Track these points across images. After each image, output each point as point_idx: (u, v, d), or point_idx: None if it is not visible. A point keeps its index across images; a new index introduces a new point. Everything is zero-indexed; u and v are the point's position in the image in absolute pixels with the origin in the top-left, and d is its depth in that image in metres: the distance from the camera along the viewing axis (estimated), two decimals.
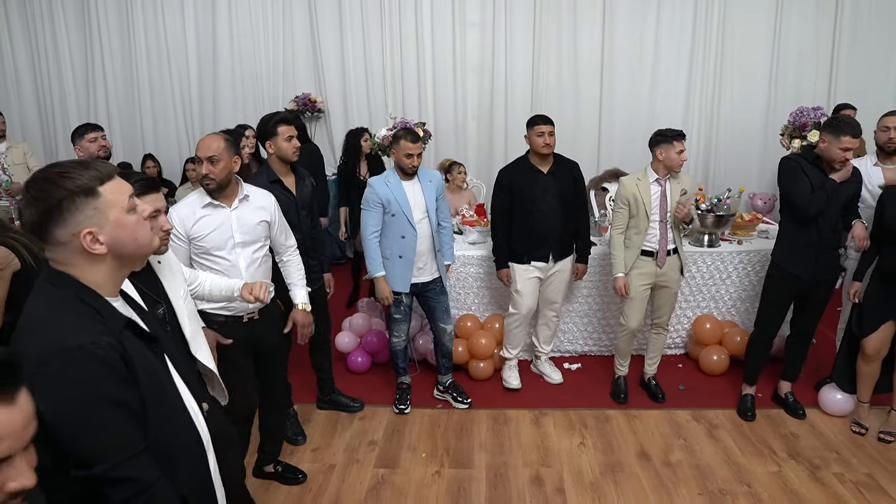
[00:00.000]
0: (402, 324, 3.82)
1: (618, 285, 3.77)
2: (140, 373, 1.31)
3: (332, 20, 6.67)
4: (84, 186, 1.28)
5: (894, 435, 3.53)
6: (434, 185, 3.67)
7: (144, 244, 1.39)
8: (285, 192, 3.25)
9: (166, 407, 1.40)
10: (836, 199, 3.39)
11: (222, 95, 6.91)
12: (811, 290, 3.57)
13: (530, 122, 3.79)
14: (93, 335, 1.24)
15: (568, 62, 6.61)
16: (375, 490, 3.18)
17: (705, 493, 3.13)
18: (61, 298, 1.29)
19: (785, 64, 6.52)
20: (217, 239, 2.71)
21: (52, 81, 7.01)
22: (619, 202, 3.75)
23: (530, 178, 3.78)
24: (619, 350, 4.00)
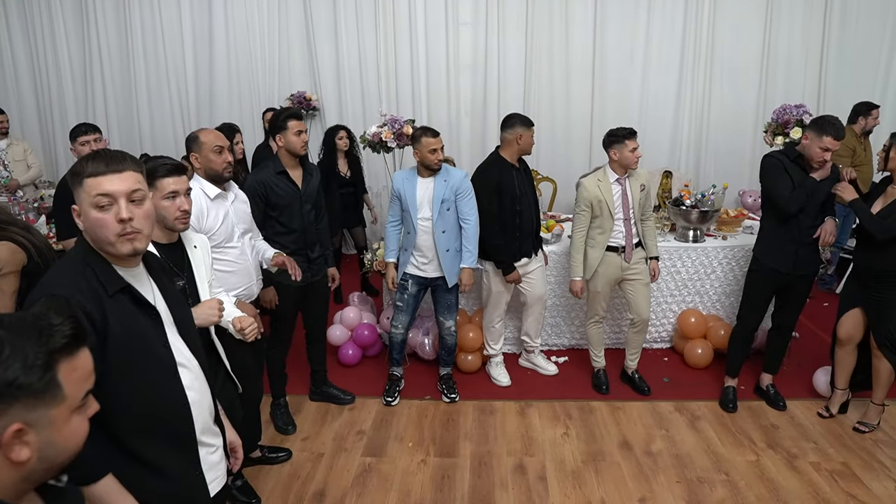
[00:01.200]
0: (403, 314, 3.90)
1: (574, 289, 3.88)
2: (114, 334, 1.47)
3: (326, 18, 6.73)
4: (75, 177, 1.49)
5: (869, 426, 3.61)
6: (449, 183, 3.63)
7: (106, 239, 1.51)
8: (290, 184, 3.35)
9: (151, 369, 1.55)
10: (816, 196, 3.47)
11: (218, 94, 6.98)
12: (791, 285, 3.64)
13: (518, 122, 3.78)
14: (70, 290, 1.44)
15: (560, 60, 6.68)
16: (362, 477, 3.26)
17: (684, 480, 3.21)
18: (72, 259, 1.54)
19: (775, 61, 6.57)
20: (226, 230, 2.82)
21: (51, 79, 7.08)
22: (582, 205, 3.79)
23: (513, 175, 3.83)
24: (591, 340, 4.09)
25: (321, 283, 3.61)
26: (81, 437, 1.05)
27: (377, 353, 4.56)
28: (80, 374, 1.02)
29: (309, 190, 3.44)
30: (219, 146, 2.79)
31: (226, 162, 2.80)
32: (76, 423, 1.03)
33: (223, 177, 2.81)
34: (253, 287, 2.98)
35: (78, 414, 1.04)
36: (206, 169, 2.80)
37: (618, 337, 4.55)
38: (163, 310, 1.64)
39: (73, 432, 1.03)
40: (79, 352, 1.02)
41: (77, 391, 1.02)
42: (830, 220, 3.53)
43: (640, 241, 3.87)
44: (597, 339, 4.06)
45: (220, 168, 2.79)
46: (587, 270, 3.87)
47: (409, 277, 3.82)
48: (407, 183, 3.70)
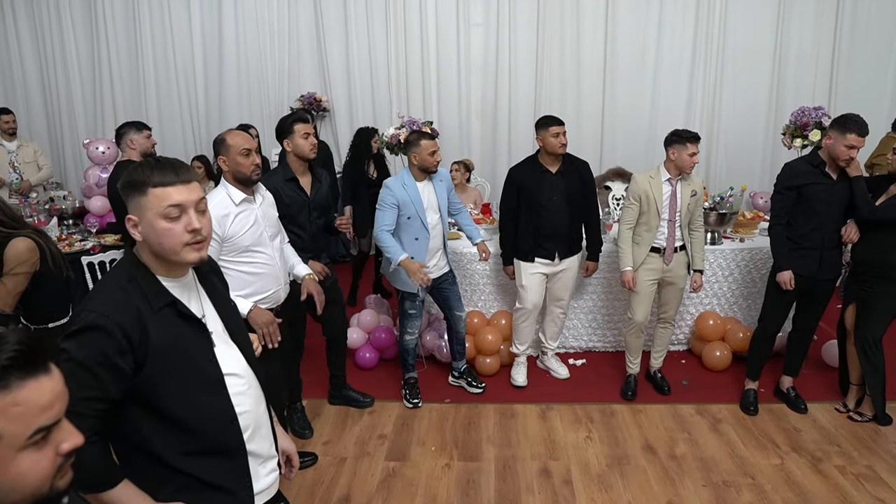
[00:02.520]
0: (416, 319, 3.92)
1: (626, 278, 3.84)
2: (157, 350, 1.45)
3: (337, 20, 6.73)
4: (138, 184, 1.47)
5: (865, 416, 3.72)
6: (445, 183, 3.78)
7: (172, 250, 1.50)
8: (299, 191, 3.32)
9: (196, 384, 1.52)
10: (838, 199, 3.48)
11: (228, 95, 6.97)
12: (814, 289, 3.65)
13: (543, 123, 3.81)
14: (108, 308, 1.42)
15: (571, 61, 6.68)
16: (386, 482, 3.25)
17: (710, 485, 3.20)
18: (116, 273, 1.53)
19: (786, 62, 6.57)
20: (254, 235, 2.79)
21: (59, 81, 7.07)
22: (631, 197, 3.80)
23: (539, 177, 3.84)
24: (629, 346, 4.06)
25: (332, 289, 3.55)
26: (38, 477, 0.92)
27: (394, 355, 4.53)
28: (22, 410, 0.89)
29: (317, 197, 3.41)
30: (246, 149, 2.75)
31: (253, 164, 2.77)
32: (27, 462, 0.91)
33: (251, 179, 2.78)
34: (280, 292, 2.96)
35: (31, 451, 0.91)
36: (234, 172, 2.77)
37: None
38: (212, 316, 1.62)
39: (25, 472, 0.90)
40: (19, 384, 0.89)
41: (19, 428, 0.89)
42: (853, 222, 3.56)
43: (684, 246, 3.83)
44: (635, 346, 4.02)
45: (249, 171, 2.76)
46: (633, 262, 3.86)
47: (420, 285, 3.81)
48: (410, 190, 3.67)
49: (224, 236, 2.70)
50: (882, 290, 3.50)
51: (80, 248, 4.54)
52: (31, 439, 0.90)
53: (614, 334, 4.55)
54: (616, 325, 4.52)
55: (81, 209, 5.53)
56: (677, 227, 3.77)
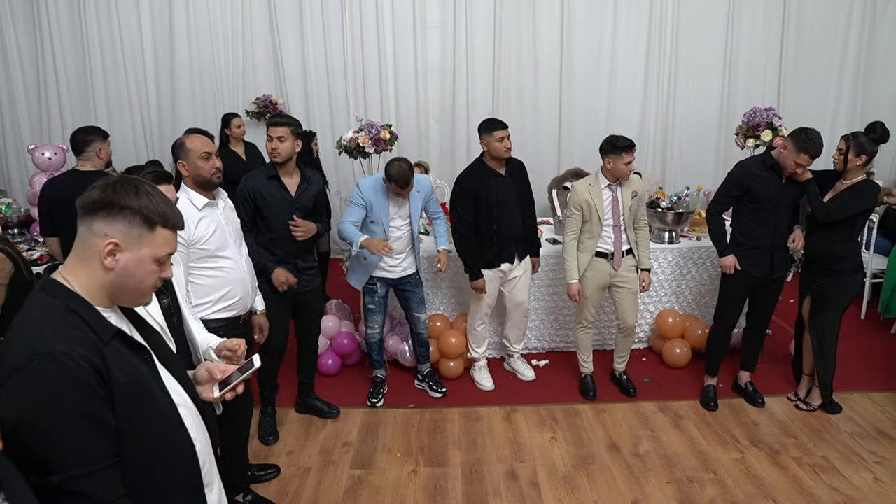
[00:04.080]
0: (377, 314, 3.92)
1: (571, 292, 3.86)
2: (119, 385, 1.30)
3: (292, 21, 6.60)
4: (153, 217, 1.35)
5: (811, 406, 3.86)
6: (422, 193, 3.78)
7: (141, 292, 1.41)
8: (281, 190, 3.30)
9: (157, 417, 1.39)
10: (787, 199, 3.58)
11: (181, 99, 6.76)
12: (765, 286, 3.75)
13: (487, 127, 3.78)
14: (67, 344, 1.24)
15: (528, 63, 6.71)
16: (353, 490, 3.20)
17: (674, 481, 3.25)
18: (49, 306, 1.30)
19: (736, 64, 6.72)
20: (219, 239, 2.75)
21: (0, 87, 6.76)
22: (573, 207, 3.81)
23: (493, 182, 3.83)
24: (580, 345, 4.10)
25: (312, 293, 3.54)
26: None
27: (357, 361, 4.49)
28: None
29: (303, 198, 3.37)
30: (207, 152, 2.70)
31: (214, 167, 2.71)
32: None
33: (212, 183, 2.73)
34: (247, 299, 2.90)
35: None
36: (194, 176, 2.71)
37: (603, 339, 4.58)
38: None
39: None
40: None
41: None
42: (799, 230, 3.71)
43: (631, 249, 3.88)
44: (585, 344, 4.07)
45: (209, 174, 2.71)
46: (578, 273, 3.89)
47: (377, 280, 3.85)
48: (379, 195, 3.69)
49: (189, 241, 2.64)
50: (831, 282, 3.63)
51: (28, 258, 4.35)
52: None
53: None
54: None
55: (27, 217, 5.31)
56: (623, 230, 3.80)
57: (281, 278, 3.28)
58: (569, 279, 3.86)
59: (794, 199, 3.62)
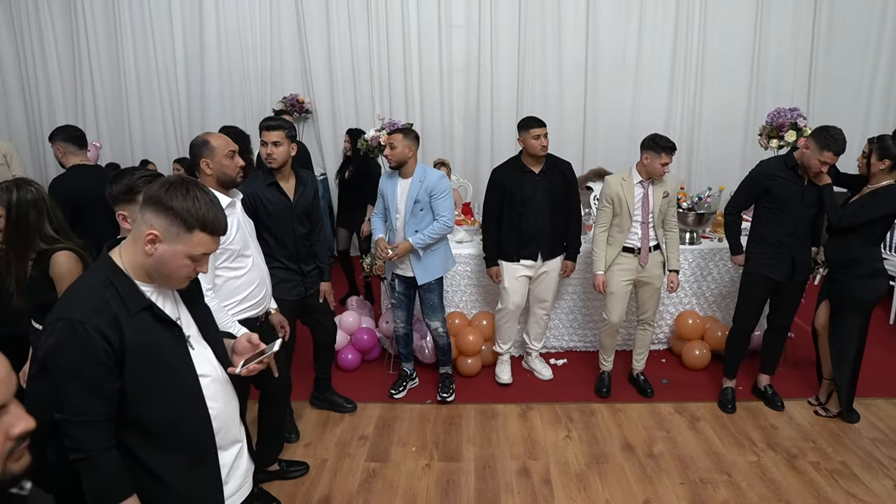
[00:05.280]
0: (398, 310, 4.00)
1: (597, 282, 3.89)
2: (134, 353, 1.48)
3: (319, 21, 6.72)
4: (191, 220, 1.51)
5: (830, 412, 3.81)
6: (424, 184, 3.71)
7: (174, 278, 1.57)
8: (281, 195, 3.23)
9: (171, 384, 1.55)
10: (808, 201, 3.54)
11: (210, 97, 6.94)
12: (786, 287, 3.70)
13: (525, 124, 3.84)
14: (86, 314, 1.44)
15: (552, 62, 6.71)
16: (367, 483, 3.26)
17: (687, 482, 3.24)
18: (92, 278, 1.53)
19: (765, 63, 6.65)
20: (242, 238, 2.77)
21: (39, 83, 6.99)
22: (604, 200, 3.84)
23: (522, 178, 3.87)
24: (603, 345, 4.10)
25: (318, 294, 3.54)
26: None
27: (376, 357, 4.56)
28: None
29: (301, 201, 3.31)
30: (231, 150, 2.71)
31: (237, 166, 2.73)
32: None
33: (236, 182, 2.76)
34: (266, 299, 2.96)
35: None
36: (218, 175, 2.70)
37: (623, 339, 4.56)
38: (186, 318, 1.64)
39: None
40: None
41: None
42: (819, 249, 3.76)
43: (659, 246, 3.87)
44: (608, 345, 4.07)
45: (234, 173, 2.72)
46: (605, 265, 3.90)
47: (395, 277, 3.93)
48: (388, 182, 3.83)
49: None
50: (846, 287, 3.57)
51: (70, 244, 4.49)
52: None
53: (595, 334, 4.58)
54: (597, 326, 4.54)
55: None
56: (651, 227, 3.81)
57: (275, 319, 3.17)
58: (596, 269, 3.89)
59: (817, 202, 3.57)
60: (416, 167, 3.75)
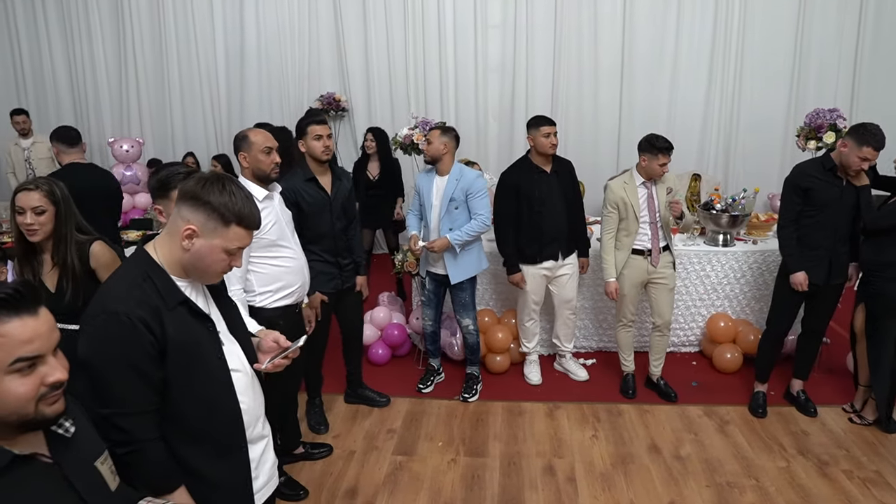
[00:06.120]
0: (427, 308, 4.05)
1: (609, 290, 3.89)
2: (174, 346, 1.51)
3: (356, 20, 6.81)
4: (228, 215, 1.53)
5: (865, 420, 3.72)
6: (460, 183, 3.74)
7: (210, 273, 1.61)
8: (320, 190, 3.34)
9: (205, 378, 1.58)
10: (848, 203, 3.47)
11: (249, 95, 7.10)
12: (822, 291, 3.63)
13: (535, 123, 3.85)
14: (130, 306, 1.47)
15: (588, 63, 6.68)
16: (393, 475, 3.31)
17: (713, 485, 3.21)
18: (131, 272, 1.55)
19: (807, 63, 6.51)
20: (278, 230, 2.88)
21: (87, 81, 7.25)
22: (609, 206, 3.82)
23: (535, 178, 3.88)
24: (621, 344, 4.09)
25: (353, 289, 3.63)
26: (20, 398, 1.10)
27: (406, 352, 4.62)
28: (6, 341, 1.08)
29: (338, 196, 3.41)
30: (268, 147, 2.81)
31: (273, 163, 2.83)
32: (12, 385, 1.10)
33: (270, 177, 2.86)
34: (304, 287, 3.06)
35: (16, 376, 1.10)
36: (254, 169, 2.83)
37: (646, 340, 4.53)
38: (215, 314, 1.68)
39: (8, 392, 1.09)
40: (6, 319, 1.08)
41: (2, 355, 1.09)
42: (854, 268, 3.68)
43: (668, 246, 3.86)
44: (626, 342, 4.07)
45: (269, 169, 2.83)
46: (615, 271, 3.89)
47: (428, 274, 3.97)
48: (425, 179, 3.88)
49: None
50: (881, 290, 3.50)
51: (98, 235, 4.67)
52: (14, 366, 1.09)
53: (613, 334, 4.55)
54: None
55: None
56: (659, 227, 3.78)
57: (315, 303, 3.36)
58: (606, 277, 3.89)
59: (856, 204, 3.50)
60: (452, 165, 3.79)
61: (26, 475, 1.12)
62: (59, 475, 1.18)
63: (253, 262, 2.86)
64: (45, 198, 2.43)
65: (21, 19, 7.18)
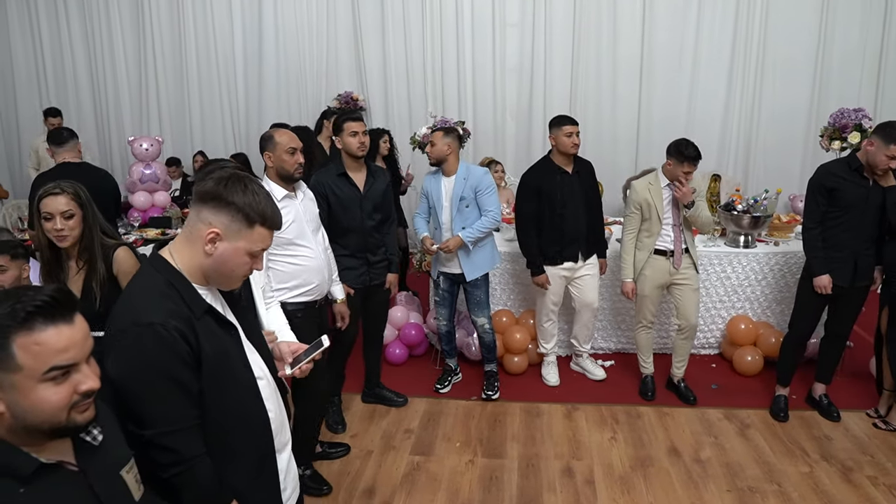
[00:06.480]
0: (441, 307, 4.03)
1: (626, 289, 3.88)
2: (207, 356, 1.44)
3: (374, 19, 6.81)
4: (253, 215, 1.47)
5: (890, 425, 3.65)
6: (469, 182, 3.74)
7: (233, 278, 1.54)
8: (351, 186, 3.39)
9: (235, 388, 1.52)
10: (874, 204, 3.41)
11: (267, 93, 7.13)
12: (846, 293, 3.57)
13: (557, 122, 3.83)
14: (163, 316, 1.38)
15: (607, 62, 6.64)
16: (411, 475, 3.31)
17: (734, 490, 3.17)
18: (153, 280, 1.47)
19: (829, 61, 6.41)
20: (297, 229, 2.90)
21: (108, 80, 7.32)
22: (632, 206, 3.80)
23: (558, 179, 3.85)
24: (640, 345, 4.06)
25: (381, 287, 3.65)
26: (53, 406, 1.08)
27: (423, 352, 4.61)
28: (42, 349, 1.06)
29: (371, 193, 3.45)
30: (292, 147, 2.85)
31: (297, 163, 2.87)
32: (45, 393, 1.07)
33: (293, 177, 2.89)
34: (324, 286, 3.06)
35: (50, 384, 1.07)
36: (278, 168, 2.87)
37: (665, 342, 4.50)
38: (233, 321, 1.62)
39: (42, 400, 1.07)
40: (43, 327, 1.06)
41: (37, 364, 1.06)
42: (878, 271, 3.59)
43: (688, 248, 3.81)
44: (645, 344, 4.03)
45: (292, 169, 2.86)
46: (634, 272, 3.87)
47: (441, 274, 3.95)
48: (432, 181, 3.87)
49: None
50: None
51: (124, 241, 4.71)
52: (48, 374, 1.07)
53: None
54: None
55: (125, 204, 5.72)
56: (682, 229, 3.75)
57: None
58: (624, 277, 3.87)
59: (882, 205, 3.44)
60: (458, 165, 3.79)
61: (52, 483, 1.11)
62: (84, 483, 1.16)
63: (270, 259, 2.89)
64: (73, 201, 2.33)
65: (44, 19, 7.26)
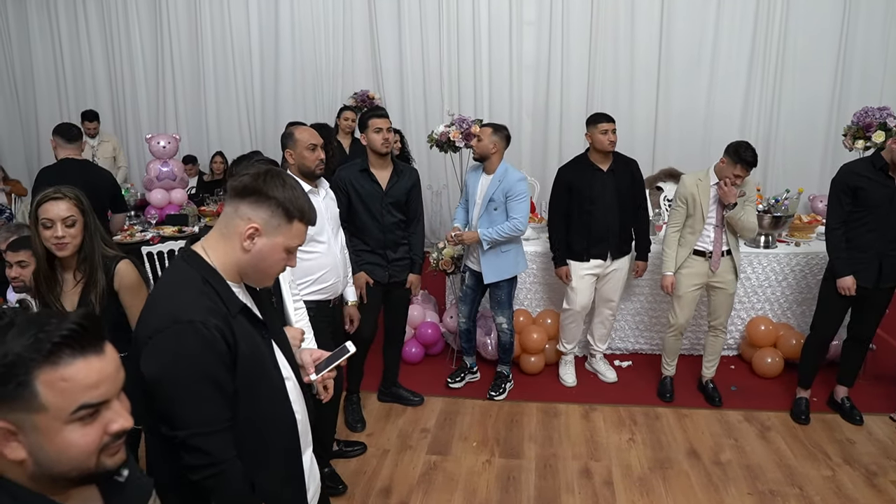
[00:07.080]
0: (462, 304, 4.03)
1: (665, 283, 3.82)
2: (243, 355, 1.41)
3: (390, 18, 6.82)
4: (293, 210, 1.45)
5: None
6: (503, 184, 3.71)
7: (268, 275, 1.52)
8: (373, 182, 3.41)
9: (266, 388, 1.49)
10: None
11: (283, 91, 7.15)
12: (871, 295, 3.52)
13: (593, 119, 3.81)
14: (203, 314, 1.35)
15: (624, 60, 6.59)
16: (427, 475, 3.29)
17: (755, 493, 3.13)
18: (189, 276, 1.43)
19: (851, 60, 6.33)
20: (318, 225, 2.88)
21: (125, 78, 7.39)
22: (678, 200, 3.76)
23: (589, 175, 3.83)
24: (667, 348, 4.01)
25: (402, 285, 3.64)
26: (81, 451, 0.94)
27: (440, 351, 4.60)
28: (69, 385, 0.91)
29: (393, 191, 3.46)
30: (313, 144, 2.86)
31: (318, 159, 2.88)
32: (73, 435, 0.93)
33: (315, 174, 2.90)
34: (339, 285, 3.06)
35: (78, 425, 0.93)
36: (299, 165, 2.89)
37: (691, 344, 4.46)
38: None
39: (69, 444, 0.93)
40: (70, 360, 0.92)
41: (64, 402, 0.91)
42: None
43: (730, 251, 3.74)
44: (672, 349, 3.98)
45: (313, 165, 2.88)
46: (675, 266, 3.81)
47: (467, 270, 3.96)
48: (473, 175, 3.90)
49: None
50: None
51: (141, 238, 4.76)
52: (76, 414, 0.93)
53: (661, 337, 4.47)
54: (664, 328, 4.44)
55: (143, 201, 5.76)
56: (724, 231, 3.69)
57: (360, 282, 3.40)
58: (665, 270, 3.81)
59: None
60: (499, 165, 3.76)
61: None
62: None
63: None
64: (75, 207, 2.17)
65: (63, 20, 7.34)
